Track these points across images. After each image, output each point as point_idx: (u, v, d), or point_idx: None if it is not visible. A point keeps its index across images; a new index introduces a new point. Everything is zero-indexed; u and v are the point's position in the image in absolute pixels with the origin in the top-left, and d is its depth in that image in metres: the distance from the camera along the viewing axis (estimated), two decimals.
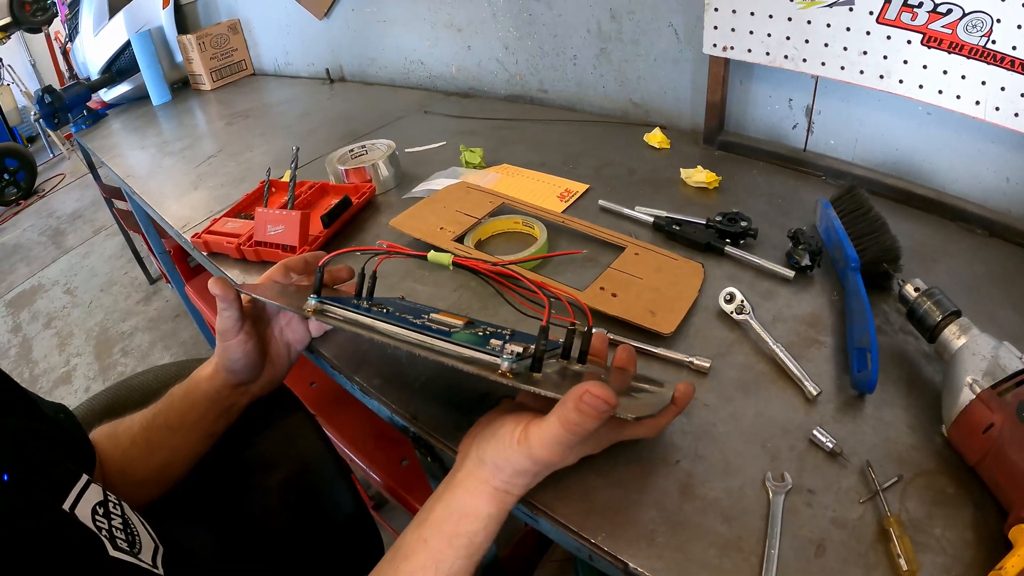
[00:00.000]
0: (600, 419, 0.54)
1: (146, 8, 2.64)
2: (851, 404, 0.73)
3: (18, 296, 4.03)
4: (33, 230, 5.11)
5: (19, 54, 7.42)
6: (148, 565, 0.58)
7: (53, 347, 3.35)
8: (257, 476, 0.91)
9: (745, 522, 0.62)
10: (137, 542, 0.59)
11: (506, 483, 0.60)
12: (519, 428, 0.59)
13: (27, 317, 3.73)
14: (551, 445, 0.57)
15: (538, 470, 0.60)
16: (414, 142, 1.62)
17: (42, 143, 7.04)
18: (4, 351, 3.45)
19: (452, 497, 0.60)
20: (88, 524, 0.55)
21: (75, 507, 0.56)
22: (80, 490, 0.58)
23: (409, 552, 0.59)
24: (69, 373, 3.10)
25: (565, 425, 0.55)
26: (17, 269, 4.45)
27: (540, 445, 0.57)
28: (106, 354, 3.16)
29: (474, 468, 0.61)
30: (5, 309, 3.91)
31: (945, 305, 0.74)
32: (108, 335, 3.31)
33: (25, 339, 3.51)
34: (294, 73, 2.66)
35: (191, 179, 1.72)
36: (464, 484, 0.61)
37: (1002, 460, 0.58)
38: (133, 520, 0.61)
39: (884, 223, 0.93)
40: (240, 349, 0.81)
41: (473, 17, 1.82)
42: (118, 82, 2.73)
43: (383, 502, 1.76)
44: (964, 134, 1.06)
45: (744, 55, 1.20)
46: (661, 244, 1.04)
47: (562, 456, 0.59)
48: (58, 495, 0.56)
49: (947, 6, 0.93)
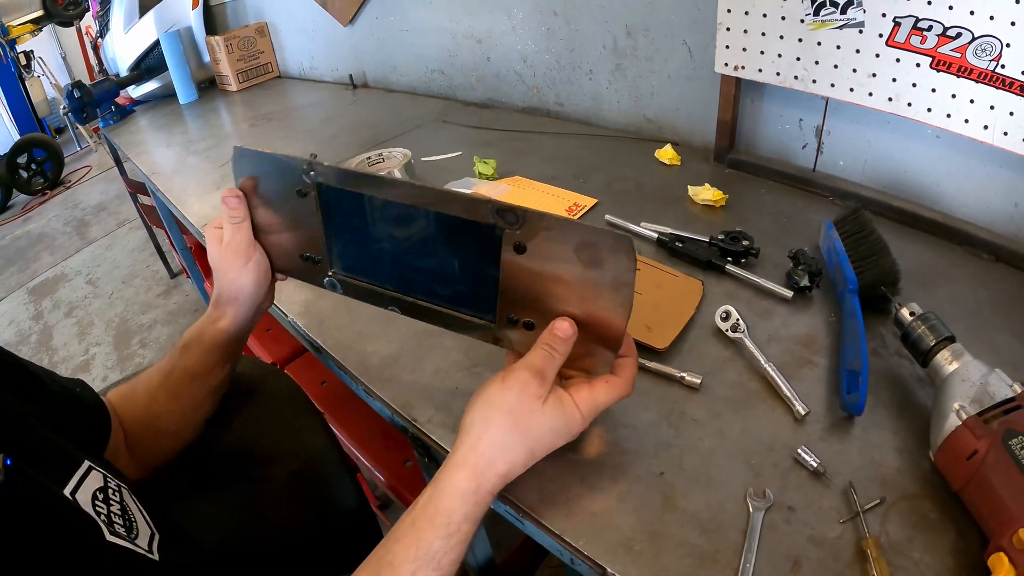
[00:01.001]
0: (568, 339, 0.64)
1: (176, 8, 2.69)
2: (839, 425, 0.74)
3: (41, 284, 4.10)
4: (58, 220, 5.19)
5: (50, 47, 7.56)
6: (144, 550, 0.60)
7: (73, 336, 3.41)
8: (265, 468, 0.93)
9: (723, 535, 0.63)
10: (134, 528, 0.61)
11: (491, 444, 0.62)
12: (501, 373, 0.66)
13: (49, 305, 3.79)
14: (532, 367, 0.63)
15: (517, 404, 0.63)
16: (431, 151, 1.65)
17: (70, 135, 7.14)
18: (25, 337, 3.51)
19: (438, 478, 0.62)
20: (88, 509, 0.57)
21: (76, 492, 0.58)
22: (81, 476, 0.60)
23: (400, 535, 0.60)
24: (88, 362, 3.15)
25: (542, 347, 0.64)
26: (41, 258, 4.52)
27: (521, 366, 0.64)
28: (125, 345, 3.20)
29: (461, 438, 0.64)
30: (28, 296, 3.97)
31: (939, 330, 0.74)
32: (128, 326, 3.36)
33: (46, 327, 3.57)
34: (318, 77, 2.69)
35: (214, 179, 1.76)
36: (451, 461, 0.63)
37: (984, 487, 0.59)
38: (131, 507, 0.63)
39: (885, 246, 0.94)
40: (256, 272, 0.81)
41: (493, 29, 1.85)
42: (146, 79, 2.78)
43: (388, 502, 1.77)
44: (972, 158, 1.06)
45: (755, 75, 1.21)
46: (664, 260, 1.06)
47: (540, 377, 0.63)
48: (60, 480, 0.57)
49: (956, 30, 0.93)
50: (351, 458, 1.38)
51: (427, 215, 0.69)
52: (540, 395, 0.63)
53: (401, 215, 0.72)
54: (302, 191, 0.75)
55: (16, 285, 4.18)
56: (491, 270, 0.67)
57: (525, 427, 0.63)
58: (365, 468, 1.36)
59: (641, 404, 0.79)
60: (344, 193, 0.73)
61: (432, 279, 0.74)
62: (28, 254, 4.67)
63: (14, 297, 4.02)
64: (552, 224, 0.62)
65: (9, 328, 3.65)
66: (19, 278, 4.28)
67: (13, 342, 3.48)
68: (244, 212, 0.79)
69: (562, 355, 0.65)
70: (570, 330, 0.65)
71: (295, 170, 0.74)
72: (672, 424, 0.76)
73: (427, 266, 0.74)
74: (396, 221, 0.73)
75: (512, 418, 0.63)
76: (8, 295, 4.07)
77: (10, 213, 5.71)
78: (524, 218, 0.63)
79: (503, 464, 0.62)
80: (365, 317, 1.04)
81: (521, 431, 0.63)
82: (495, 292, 0.68)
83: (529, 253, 0.64)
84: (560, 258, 0.63)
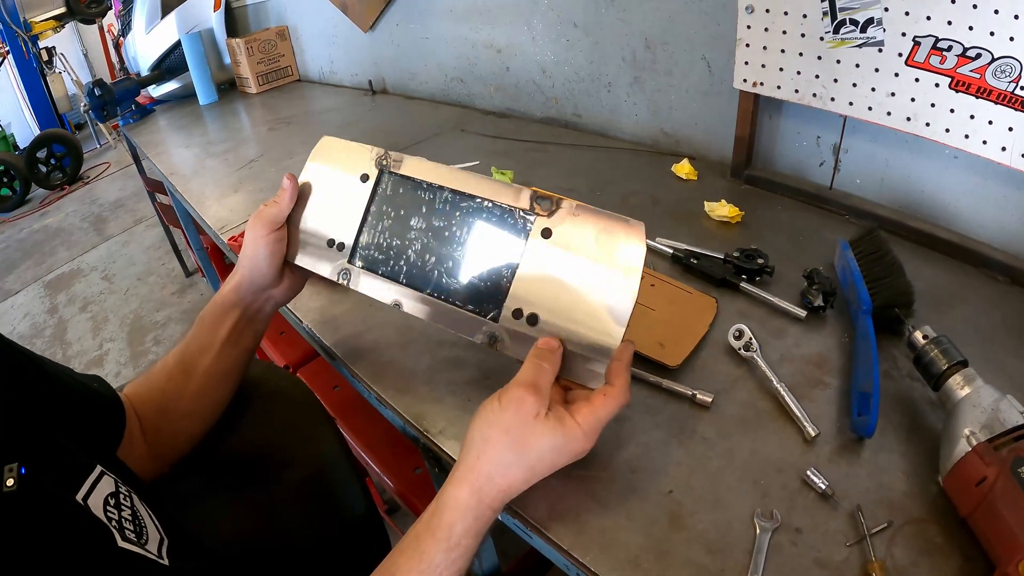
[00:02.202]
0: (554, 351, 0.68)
1: (198, 9, 2.71)
2: (849, 447, 0.74)
3: (57, 278, 4.14)
4: (76, 215, 5.24)
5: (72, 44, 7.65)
6: (154, 556, 0.61)
7: (87, 331, 3.44)
8: (275, 472, 0.94)
9: (729, 555, 0.63)
10: (144, 533, 0.62)
11: (490, 461, 0.63)
12: (498, 391, 0.67)
13: (64, 300, 3.83)
14: (525, 382, 0.65)
15: (517, 420, 0.64)
16: (448, 159, 1.62)
17: (89, 131, 7.21)
18: (40, 331, 3.55)
19: (441, 492, 0.64)
20: (99, 515, 0.58)
21: (88, 498, 0.58)
22: (94, 481, 0.60)
23: (404, 547, 0.62)
24: (101, 357, 3.18)
25: (531, 358, 0.67)
26: (58, 252, 4.57)
27: (514, 383, 0.66)
28: (138, 341, 3.23)
29: (463, 456, 0.65)
30: (44, 290, 4.01)
31: (951, 354, 0.74)
32: (142, 323, 3.39)
33: (61, 321, 3.60)
34: (338, 82, 2.71)
35: (232, 182, 1.77)
36: (452, 476, 0.64)
37: (992, 514, 0.59)
38: (141, 511, 0.64)
39: (900, 267, 0.94)
40: (276, 244, 0.87)
41: (513, 39, 1.85)
42: (167, 80, 2.81)
43: (396, 507, 1.78)
44: (990, 179, 1.05)
45: (773, 91, 1.21)
46: (678, 276, 1.06)
47: (534, 390, 0.65)
48: (72, 486, 0.58)
49: (976, 50, 0.93)
50: (361, 463, 1.38)
51: (470, 204, 0.77)
52: (536, 411, 0.64)
53: (444, 203, 0.79)
54: (366, 175, 0.86)
55: (32, 279, 4.23)
56: (512, 258, 0.74)
57: (523, 444, 0.64)
58: (374, 473, 1.37)
59: (652, 422, 0.80)
60: (405, 181, 0.83)
61: (449, 272, 0.78)
62: (45, 248, 4.72)
63: (30, 290, 4.06)
64: (579, 211, 0.70)
65: (24, 321, 3.69)
66: (35, 271, 4.33)
67: (28, 335, 3.51)
68: (292, 193, 0.89)
69: (552, 366, 0.67)
70: (554, 342, 0.69)
71: (368, 158, 0.86)
72: (682, 442, 0.77)
73: (449, 257, 0.79)
74: (438, 212, 0.80)
75: (509, 436, 0.64)
76: (24, 288, 4.12)
77: (28, 207, 5.78)
78: (559, 204, 0.71)
79: (502, 480, 0.63)
80: (380, 325, 1.04)
81: (519, 448, 0.64)
82: (510, 282, 0.73)
83: (553, 238, 0.71)
84: (581, 243, 0.70)
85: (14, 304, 3.95)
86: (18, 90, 6.71)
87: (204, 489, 0.89)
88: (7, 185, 5.81)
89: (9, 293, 4.10)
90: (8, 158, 5.83)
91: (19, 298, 4.00)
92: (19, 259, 4.63)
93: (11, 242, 5.06)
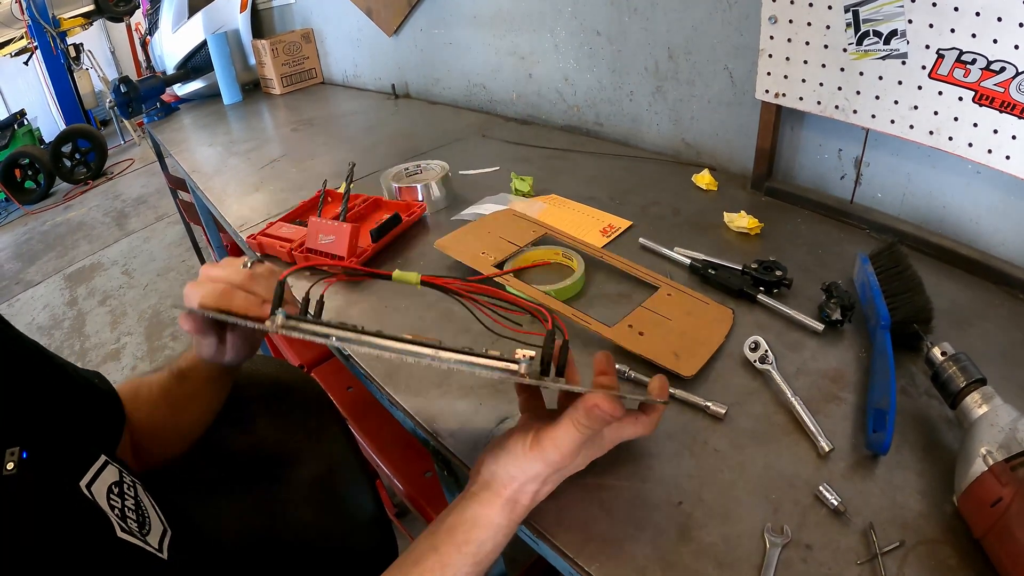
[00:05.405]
0: (607, 423, 0.62)
1: (224, 10, 2.74)
2: (863, 464, 0.73)
3: (77, 271, 4.19)
4: (98, 210, 5.31)
5: (100, 41, 7.77)
6: (153, 548, 0.61)
7: (106, 324, 3.48)
8: (286, 470, 0.95)
9: (737, 570, 0.63)
10: (147, 524, 0.62)
11: (516, 492, 0.63)
12: (529, 436, 0.64)
13: (84, 292, 3.87)
14: (562, 445, 0.62)
15: (548, 472, 0.64)
16: (469, 165, 1.66)
17: (114, 128, 7.32)
18: (59, 322, 3.59)
19: (464, 508, 0.63)
20: (102, 503, 0.59)
21: (91, 485, 0.59)
22: (98, 469, 0.61)
23: (420, 558, 0.61)
24: (119, 350, 3.21)
25: (576, 426, 0.61)
26: (79, 245, 4.63)
27: (552, 446, 0.62)
28: (156, 336, 3.26)
29: (487, 482, 0.65)
30: (64, 282, 4.07)
31: (970, 372, 0.73)
32: (160, 318, 3.42)
33: (80, 313, 3.64)
34: (361, 85, 2.73)
35: (253, 181, 1.79)
36: (477, 496, 0.64)
37: (1007, 536, 0.58)
38: (145, 502, 0.64)
39: (920, 282, 0.93)
40: (231, 355, 0.82)
41: (536, 47, 1.86)
42: (192, 79, 2.84)
43: (406, 511, 1.78)
44: (1013, 195, 1.04)
45: (795, 103, 1.21)
46: (695, 287, 1.05)
47: (572, 455, 0.63)
48: (76, 473, 0.59)
49: (1001, 64, 0.92)
50: (371, 465, 1.39)
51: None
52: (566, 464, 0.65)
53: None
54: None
55: (53, 271, 4.28)
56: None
57: (555, 476, 0.66)
58: (384, 476, 1.37)
59: (664, 432, 0.79)
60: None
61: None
62: (67, 241, 4.78)
63: (51, 282, 4.12)
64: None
65: (44, 312, 3.74)
66: (57, 264, 4.38)
67: (47, 326, 3.56)
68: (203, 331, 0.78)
69: (594, 432, 0.64)
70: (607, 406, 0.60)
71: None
72: (694, 454, 0.76)
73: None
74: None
75: (539, 481, 0.64)
76: (45, 279, 4.17)
77: (52, 200, 5.87)
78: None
79: (529, 499, 0.65)
80: (394, 328, 1.04)
81: (551, 478, 0.65)
82: None
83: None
84: None
85: (34, 295, 4.00)
86: (45, 85, 6.82)
87: (213, 483, 0.89)
88: (32, 178, 5.91)
89: (30, 284, 4.16)
90: (33, 152, 5.92)
91: (39, 289, 4.06)
92: (41, 251, 4.69)
93: (34, 234, 5.13)
